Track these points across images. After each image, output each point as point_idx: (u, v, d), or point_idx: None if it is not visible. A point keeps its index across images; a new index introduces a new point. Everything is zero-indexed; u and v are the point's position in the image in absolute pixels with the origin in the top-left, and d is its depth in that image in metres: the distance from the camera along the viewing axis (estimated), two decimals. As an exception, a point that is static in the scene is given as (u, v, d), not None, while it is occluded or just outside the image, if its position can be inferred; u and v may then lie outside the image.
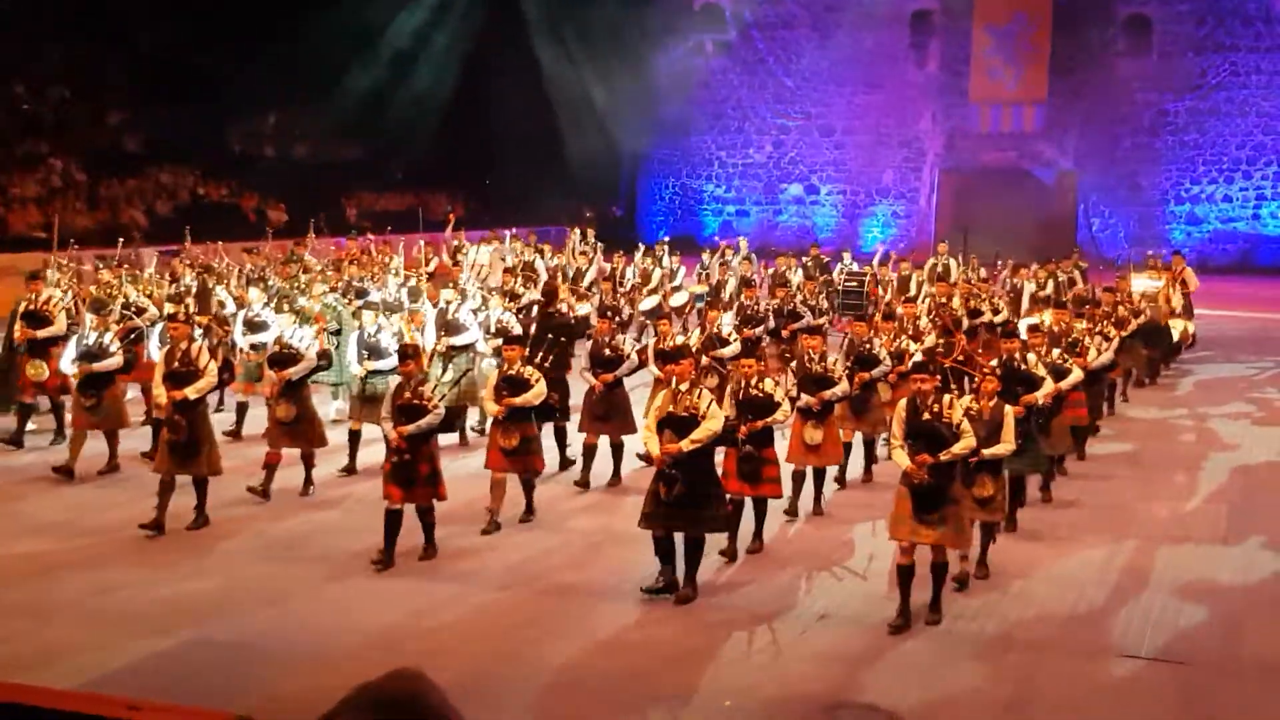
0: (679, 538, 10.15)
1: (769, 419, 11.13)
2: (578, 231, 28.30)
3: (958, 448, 9.67)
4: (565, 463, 14.26)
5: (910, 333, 15.48)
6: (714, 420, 10.12)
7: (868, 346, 14.03)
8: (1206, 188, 38.67)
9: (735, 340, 15.16)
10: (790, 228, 42.34)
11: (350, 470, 13.94)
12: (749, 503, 11.33)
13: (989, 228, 38.48)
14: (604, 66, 39.70)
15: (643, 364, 14.07)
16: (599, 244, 27.46)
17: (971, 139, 40.51)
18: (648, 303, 22.68)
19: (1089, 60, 38.79)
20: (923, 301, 18.73)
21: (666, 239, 26.81)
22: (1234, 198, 38.46)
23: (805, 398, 12.32)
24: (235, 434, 15.32)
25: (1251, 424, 17.28)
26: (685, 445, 9.99)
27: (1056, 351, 13.56)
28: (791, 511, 12.46)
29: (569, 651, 9.23)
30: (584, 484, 13.57)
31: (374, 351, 14.04)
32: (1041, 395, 12.17)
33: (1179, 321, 21.49)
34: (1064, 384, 13.12)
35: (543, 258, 24.48)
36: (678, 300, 23.24)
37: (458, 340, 15.27)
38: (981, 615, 9.67)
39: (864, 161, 41.70)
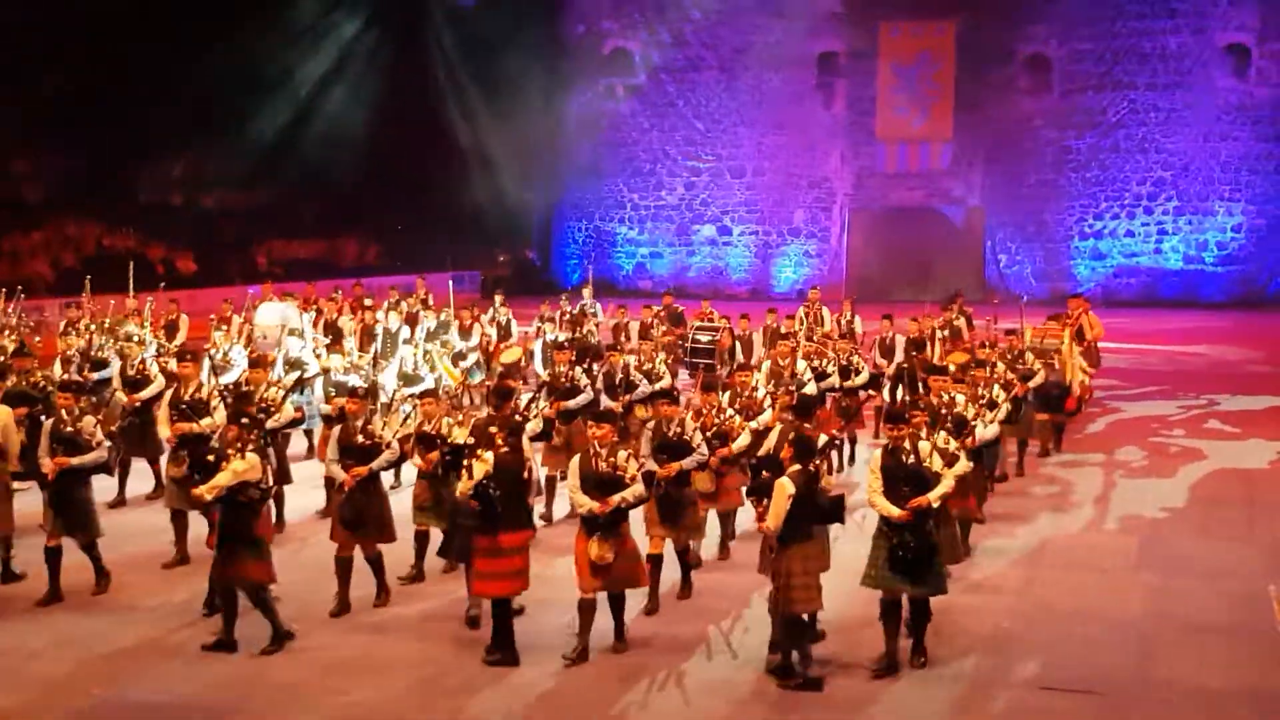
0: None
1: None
2: (420, 282, 24.53)
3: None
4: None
5: (743, 404, 12.78)
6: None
7: (678, 430, 11.26)
8: (1109, 223, 39.44)
9: (537, 416, 12.34)
10: (704, 269, 42.61)
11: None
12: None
13: (899, 266, 39.11)
14: (514, 111, 39.80)
15: (405, 455, 11.55)
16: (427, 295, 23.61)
17: (880, 178, 41.04)
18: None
19: (992, 99, 39.49)
20: (762, 367, 15.26)
21: (499, 294, 22.84)
22: (1136, 233, 39.26)
23: (588, 503, 9.81)
24: None
25: (1159, 460, 17.43)
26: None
27: (942, 435, 10.68)
28: (580, 656, 9.81)
29: (488, 702, 9.12)
30: (340, 609, 10.86)
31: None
32: (934, 497, 9.67)
33: (1077, 375, 19.00)
34: (953, 473, 10.25)
35: (360, 313, 20.92)
36: (508, 357, 19.94)
37: (195, 426, 12.09)
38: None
39: (775, 202, 42.09)
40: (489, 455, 9.84)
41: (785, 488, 9.20)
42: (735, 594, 11.23)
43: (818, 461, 9.51)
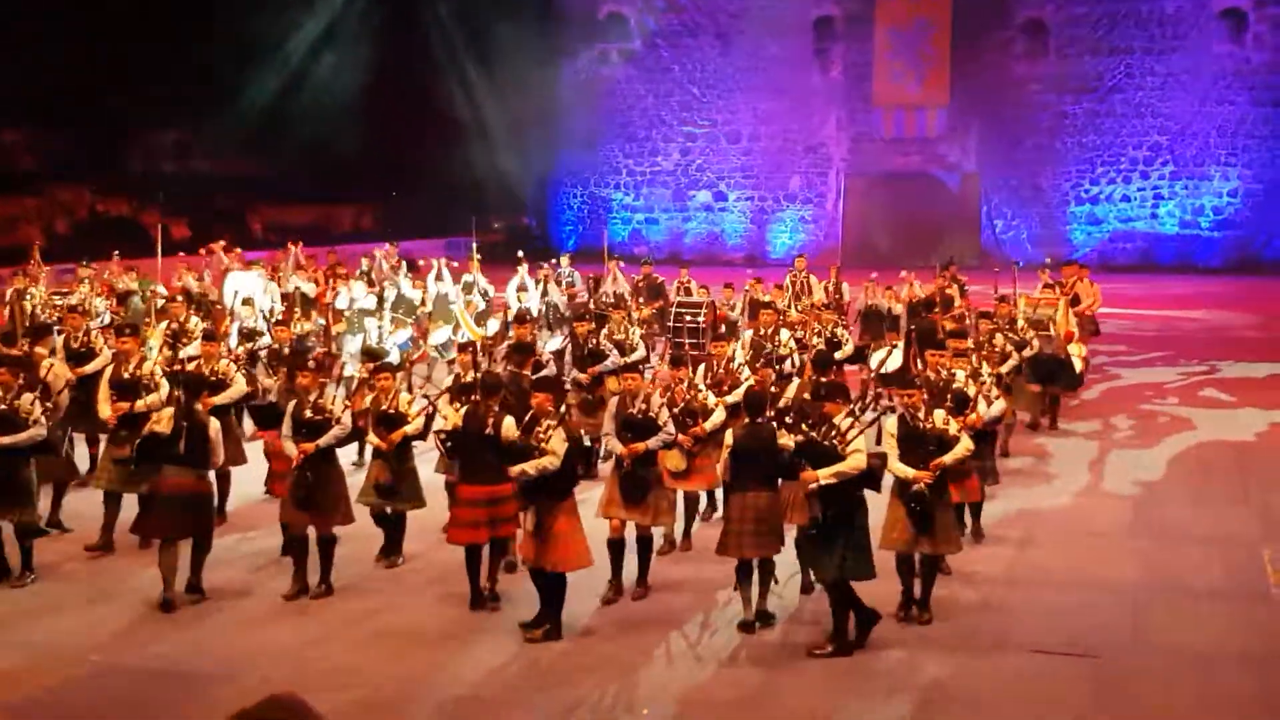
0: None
1: None
2: (388, 248, 23.81)
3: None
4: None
5: (716, 378, 12.19)
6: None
7: (643, 407, 10.58)
8: (1105, 188, 39.37)
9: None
10: (700, 235, 42.55)
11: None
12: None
13: (895, 231, 39.08)
14: (509, 77, 39.62)
15: (360, 431, 11.10)
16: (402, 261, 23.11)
17: (876, 143, 40.93)
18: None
19: (989, 64, 39.35)
20: (742, 337, 14.66)
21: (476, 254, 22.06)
22: (1132, 198, 39.19)
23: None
24: None
25: (1153, 427, 17.40)
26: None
27: (940, 414, 10.08)
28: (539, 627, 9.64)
29: (482, 665, 9.15)
30: (296, 592, 10.47)
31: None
32: (825, 474, 9.15)
33: (1076, 346, 17.98)
34: (949, 459, 9.83)
35: (334, 282, 20.43)
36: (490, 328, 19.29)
37: (140, 404, 11.71)
38: (891, 614, 9.72)
39: (771, 167, 41.99)
40: (460, 410, 10.26)
41: (725, 439, 9.71)
42: (699, 587, 10.70)
43: (778, 418, 9.75)
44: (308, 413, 10.66)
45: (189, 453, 10.25)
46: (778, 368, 12.76)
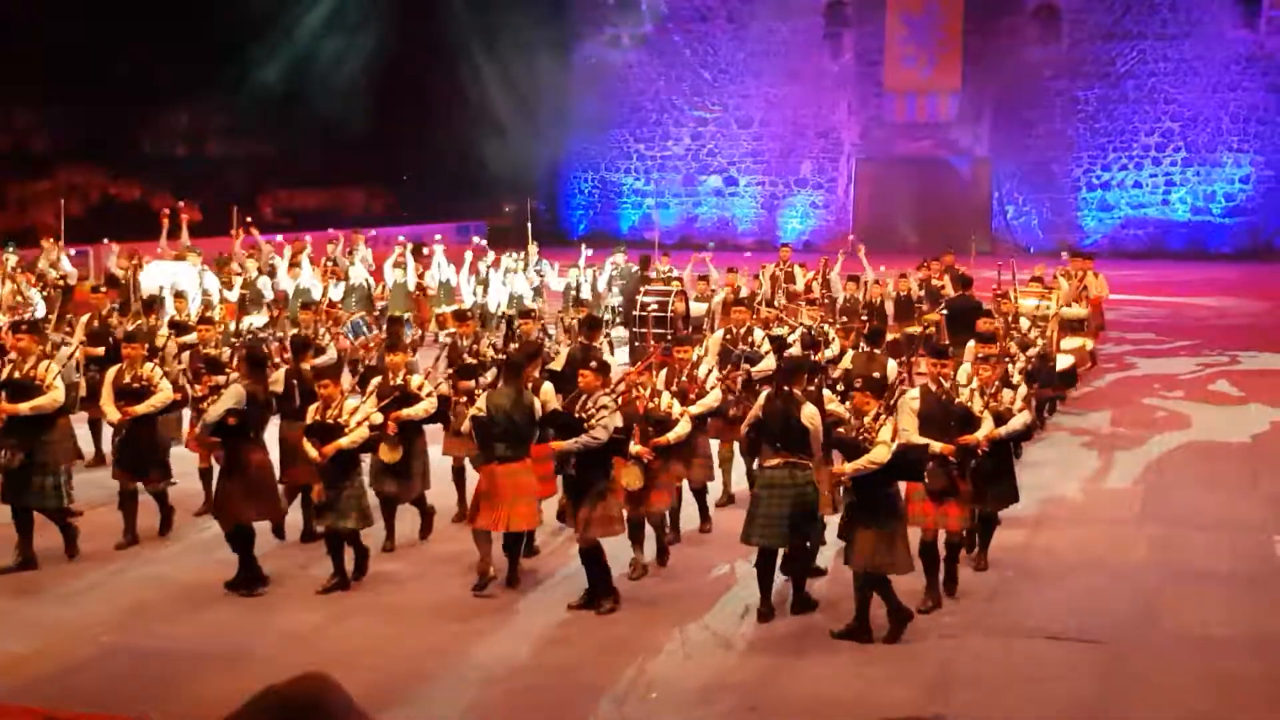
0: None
1: None
2: (361, 238, 22.87)
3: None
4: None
5: (681, 385, 11.00)
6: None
7: (586, 406, 9.68)
8: (1117, 174, 39.27)
9: (431, 398, 11.10)
10: (710, 220, 42.49)
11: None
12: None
13: (906, 217, 39.03)
14: (521, 59, 39.60)
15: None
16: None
17: (887, 128, 40.85)
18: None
19: (1001, 49, 39.24)
20: (712, 337, 13.46)
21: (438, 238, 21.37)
22: (1144, 184, 39.09)
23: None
24: None
25: (1163, 416, 17.34)
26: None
27: (872, 414, 9.30)
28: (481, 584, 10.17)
29: (495, 647, 9.18)
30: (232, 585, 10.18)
31: None
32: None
33: (1076, 340, 16.89)
34: (848, 468, 9.18)
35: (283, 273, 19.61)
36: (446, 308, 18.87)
37: (23, 406, 10.63)
38: (902, 600, 9.73)
39: (782, 152, 41.93)
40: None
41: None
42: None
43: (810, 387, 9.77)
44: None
45: (302, 408, 10.55)
46: (749, 369, 12.04)
